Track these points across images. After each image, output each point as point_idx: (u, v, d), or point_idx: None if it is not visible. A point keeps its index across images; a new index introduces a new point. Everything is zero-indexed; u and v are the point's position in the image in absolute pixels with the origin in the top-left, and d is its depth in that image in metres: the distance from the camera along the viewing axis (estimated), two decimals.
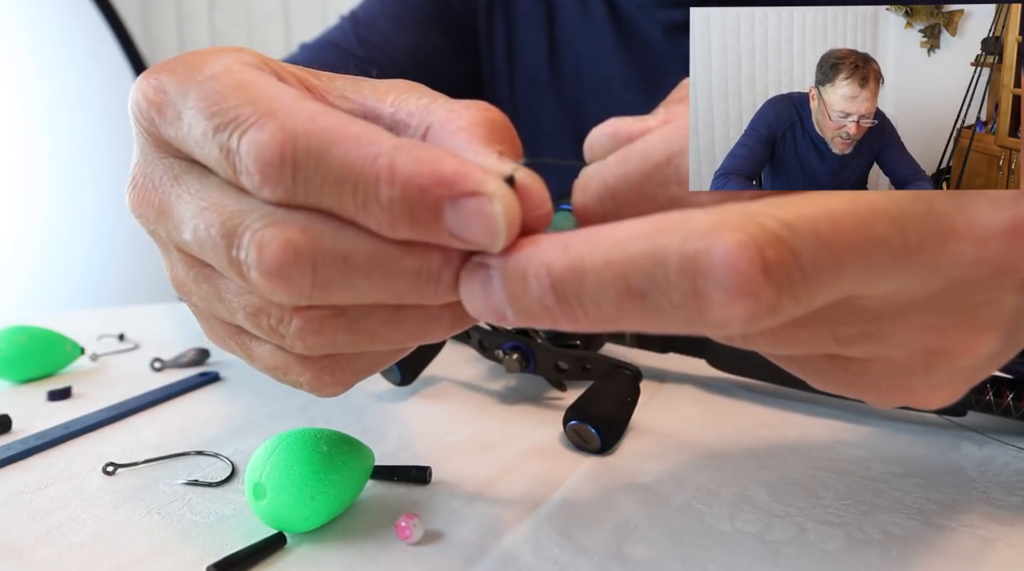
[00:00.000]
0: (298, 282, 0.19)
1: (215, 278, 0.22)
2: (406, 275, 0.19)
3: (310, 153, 0.18)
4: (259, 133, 0.18)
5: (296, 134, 0.18)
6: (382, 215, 0.18)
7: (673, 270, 0.16)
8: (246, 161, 0.18)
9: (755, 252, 0.15)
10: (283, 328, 0.21)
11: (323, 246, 0.19)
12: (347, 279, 0.19)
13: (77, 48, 1.42)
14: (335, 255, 0.19)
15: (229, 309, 0.22)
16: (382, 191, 0.18)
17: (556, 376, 0.43)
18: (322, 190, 0.18)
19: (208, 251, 0.20)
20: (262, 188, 0.19)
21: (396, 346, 0.22)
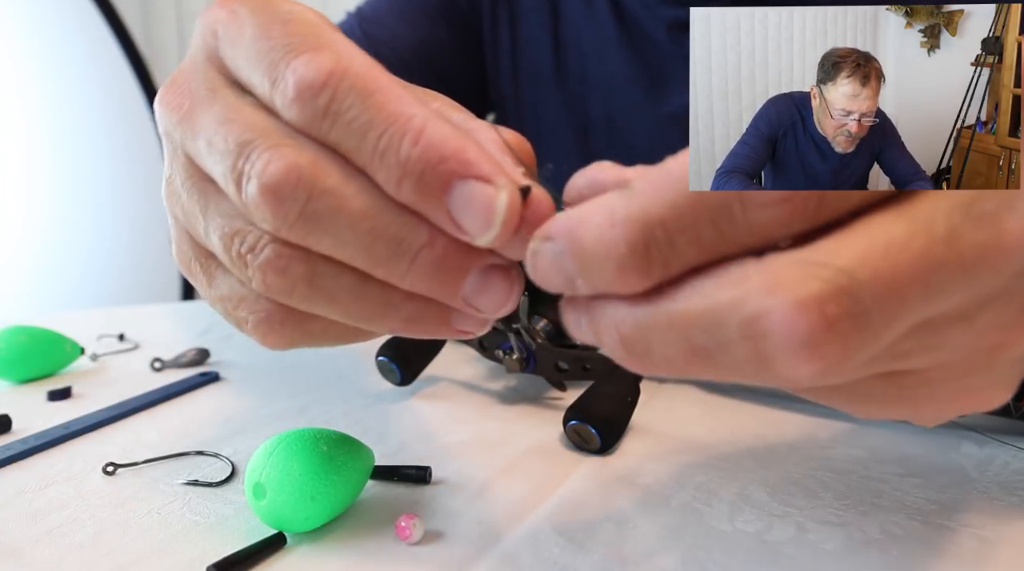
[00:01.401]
0: (288, 206, 0.19)
1: (209, 192, 0.22)
2: (387, 240, 0.19)
3: (353, 89, 0.19)
4: (314, 56, 0.19)
5: (347, 70, 0.19)
6: (394, 169, 0.19)
7: (734, 332, 0.16)
8: (288, 77, 0.19)
9: (816, 311, 0.15)
10: (251, 257, 0.21)
11: (325, 181, 0.19)
12: (333, 221, 0.19)
13: (77, 48, 1.42)
14: (332, 194, 0.19)
15: (207, 228, 0.22)
16: (404, 146, 0.18)
17: (556, 376, 0.43)
18: (348, 127, 0.19)
19: (216, 159, 0.21)
20: (291, 105, 0.19)
21: (349, 320, 0.22)
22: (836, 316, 0.15)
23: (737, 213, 0.16)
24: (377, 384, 0.46)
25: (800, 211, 0.16)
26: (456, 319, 0.22)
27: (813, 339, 0.15)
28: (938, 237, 0.16)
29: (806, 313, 0.15)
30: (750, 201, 0.16)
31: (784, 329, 0.15)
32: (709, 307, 0.16)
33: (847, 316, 0.15)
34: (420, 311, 0.22)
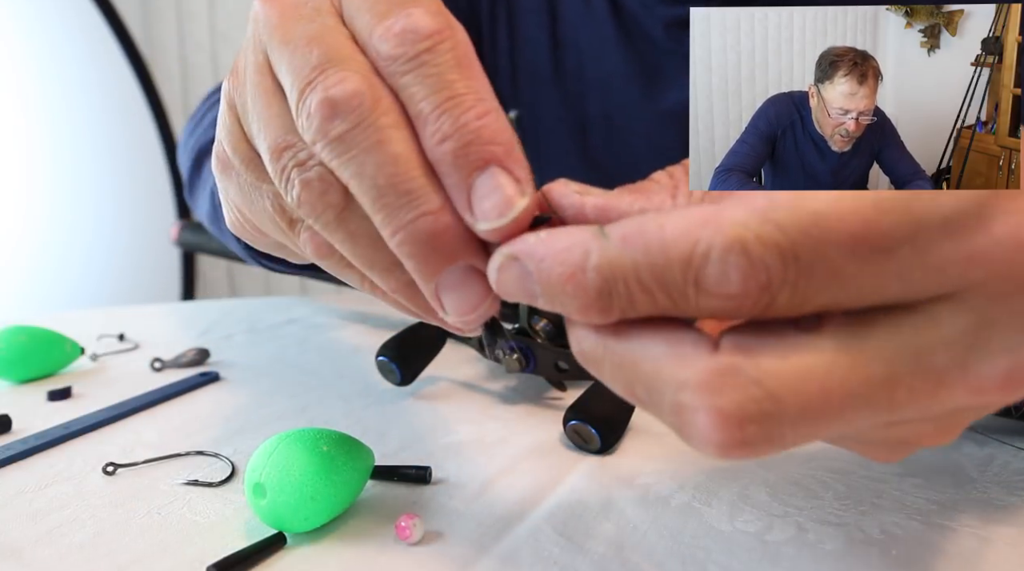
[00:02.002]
0: (336, 123, 0.20)
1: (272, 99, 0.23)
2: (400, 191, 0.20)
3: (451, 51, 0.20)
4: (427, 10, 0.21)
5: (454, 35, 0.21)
6: (448, 128, 0.20)
7: (666, 403, 0.18)
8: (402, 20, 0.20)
9: (736, 427, 0.16)
10: (296, 171, 0.22)
11: (378, 116, 0.20)
12: (366, 152, 0.20)
13: (77, 48, 1.42)
14: (378, 130, 0.20)
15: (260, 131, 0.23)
16: (467, 116, 0.20)
17: (556, 376, 0.43)
18: (431, 77, 0.20)
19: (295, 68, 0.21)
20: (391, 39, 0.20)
21: (359, 263, 0.23)
22: (752, 436, 0.17)
23: (691, 295, 0.17)
24: (377, 384, 0.46)
25: (747, 307, 0.17)
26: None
27: (726, 446, 0.17)
28: (877, 380, 0.17)
29: (725, 426, 0.16)
30: (703, 287, 0.17)
31: (703, 430, 0.17)
32: (653, 372, 0.18)
33: (762, 437, 0.17)
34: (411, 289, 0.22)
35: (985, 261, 0.16)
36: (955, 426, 0.20)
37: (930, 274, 0.16)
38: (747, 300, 0.16)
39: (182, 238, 0.82)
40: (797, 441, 0.17)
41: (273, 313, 0.65)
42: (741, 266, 0.16)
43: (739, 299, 0.16)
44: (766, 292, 0.16)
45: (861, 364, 0.17)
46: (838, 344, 0.17)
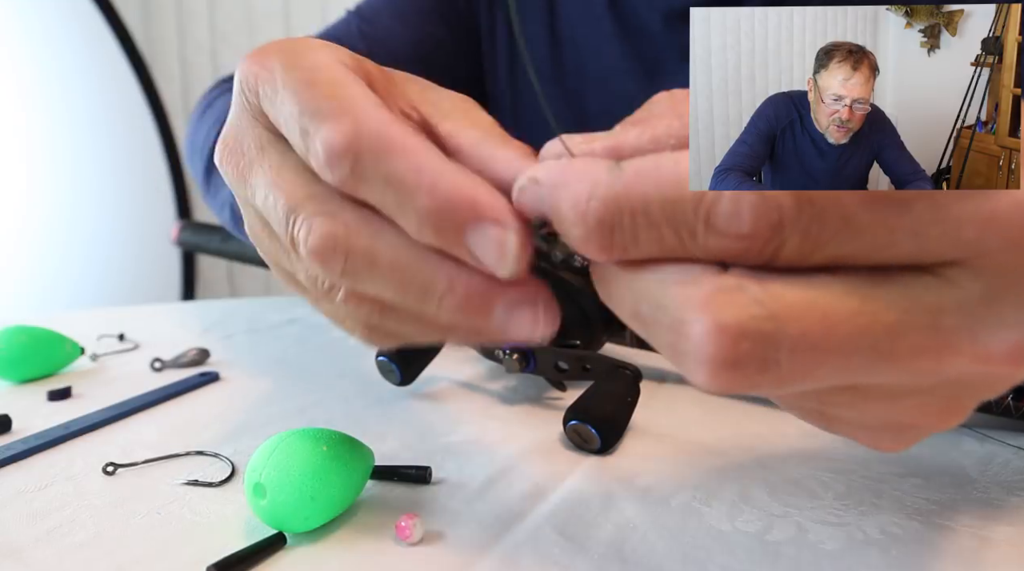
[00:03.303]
0: (332, 264, 0.22)
1: (278, 243, 0.25)
2: (415, 286, 0.22)
3: (371, 151, 0.21)
4: (336, 125, 0.21)
5: (363, 135, 0.21)
6: (414, 219, 0.21)
7: (666, 321, 0.18)
8: (317, 146, 0.21)
9: (730, 341, 0.16)
10: (332, 293, 0.24)
11: (357, 243, 0.22)
12: (370, 273, 0.22)
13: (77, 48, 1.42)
14: (364, 253, 0.22)
15: (292, 267, 0.25)
16: (420, 199, 0.20)
17: (556, 376, 0.43)
18: (373, 184, 0.21)
19: (272, 221, 0.24)
20: (325, 169, 0.21)
21: (424, 338, 0.24)
22: (746, 354, 0.16)
23: (699, 232, 0.17)
24: (377, 384, 0.46)
25: (755, 250, 0.17)
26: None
27: (717, 364, 0.16)
28: (883, 325, 0.16)
29: (720, 338, 0.16)
30: (714, 224, 0.17)
31: (697, 343, 0.17)
32: (660, 289, 0.18)
33: (756, 358, 0.16)
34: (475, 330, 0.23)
35: (1003, 225, 0.16)
36: (958, 406, 0.20)
37: (947, 233, 0.16)
38: (756, 241, 0.16)
39: (182, 238, 0.82)
40: (791, 375, 0.17)
41: (273, 313, 0.65)
42: (754, 203, 0.16)
43: (748, 240, 0.16)
44: (777, 234, 0.16)
45: (869, 307, 0.16)
46: (849, 286, 0.17)
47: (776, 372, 0.17)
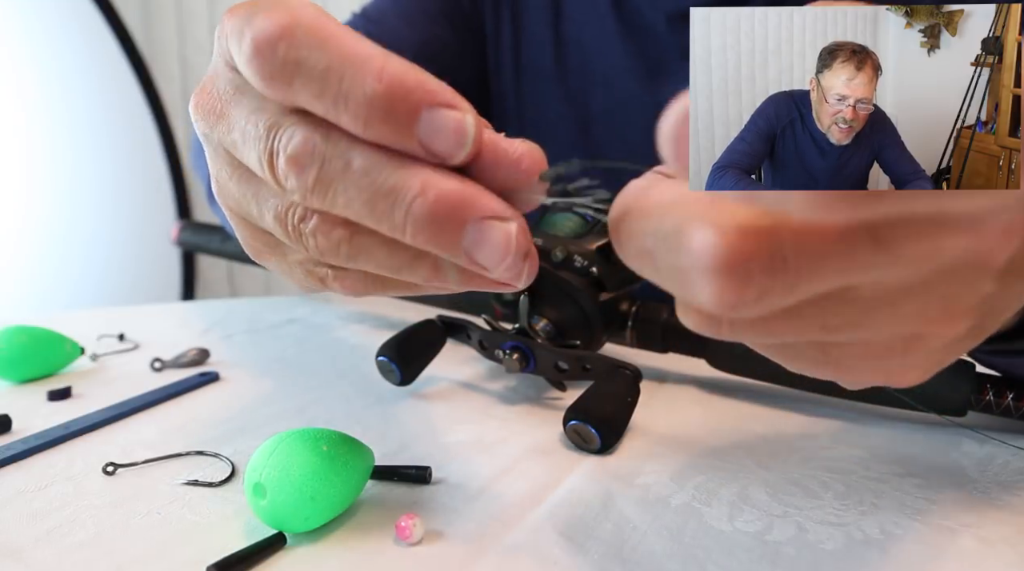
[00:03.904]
0: (308, 172, 0.21)
1: (253, 181, 0.24)
2: (384, 193, 0.21)
3: (308, 36, 0.20)
4: (268, 14, 0.20)
5: (300, 20, 0.20)
6: (362, 108, 0.20)
7: (668, 238, 0.18)
8: (247, 37, 0.20)
9: (734, 239, 0.16)
10: (303, 226, 0.23)
11: (334, 147, 0.21)
12: (342, 181, 0.21)
13: (77, 48, 1.42)
14: (338, 158, 0.21)
15: (260, 212, 0.24)
16: (368, 84, 0.19)
17: (556, 376, 0.43)
18: (311, 76, 0.20)
19: (251, 146, 0.23)
20: (251, 64, 0.21)
21: (389, 272, 0.23)
22: (752, 253, 0.16)
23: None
24: (377, 384, 0.46)
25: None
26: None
27: (724, 269, 0.16)
28: (881, 214, 0.17)
29: (723, 238, 0.16)
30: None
31: (700, 247, 0.17)
32: (664, 209, 0.18)
33: (762, 256, 0.16)
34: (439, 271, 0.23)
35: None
36: (959, 306, 0.20)
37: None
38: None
39: (182, 238, 0.82)
40: (799, 273, 0.17)
41: (273, 313, 0.65)
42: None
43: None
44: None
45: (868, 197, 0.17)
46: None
47: (784, 271, 0.17)
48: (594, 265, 0.44)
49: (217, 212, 0.59)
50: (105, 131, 1.45)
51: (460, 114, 0.20)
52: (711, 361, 0.45)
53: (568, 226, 0.46)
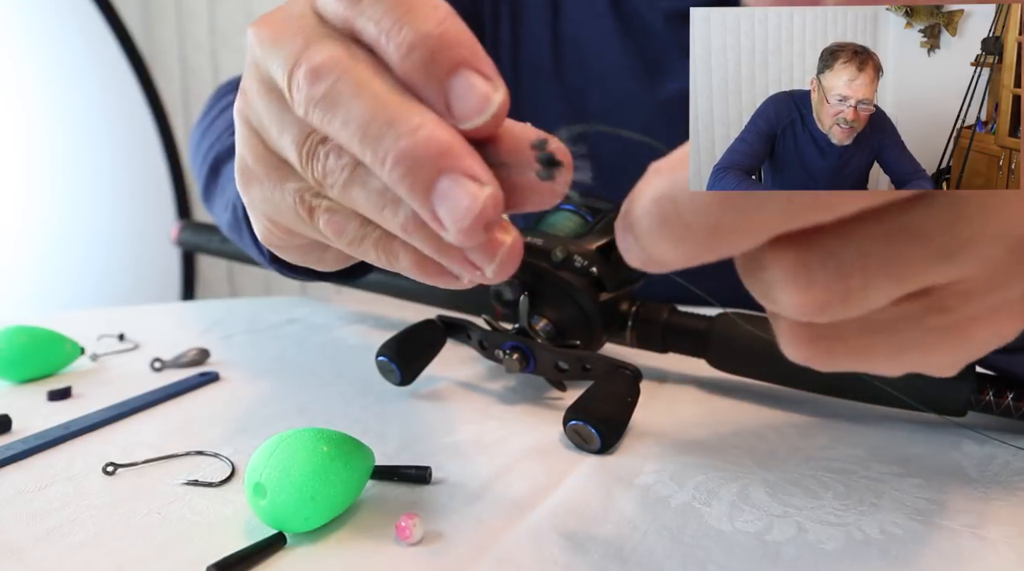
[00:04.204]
0: (319, 84, 0.22)
1: (277, 100, 0.25)
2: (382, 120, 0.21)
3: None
4: None
5: None
6: (409, 42, 0.21)
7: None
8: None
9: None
10: (321, 147, 0.24)
11: (353, 67, 0.22)
12: (347, 99, 0.22)
13: (77, 48, 1.42)
14: (354, 76, 0.22)
15: (281, 131, 0.25)
16: (428, 23, 0.21)
17: (556, 376, 0.43)
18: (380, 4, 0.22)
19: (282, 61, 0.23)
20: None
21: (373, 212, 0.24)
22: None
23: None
24: (377, 384, 0.46)
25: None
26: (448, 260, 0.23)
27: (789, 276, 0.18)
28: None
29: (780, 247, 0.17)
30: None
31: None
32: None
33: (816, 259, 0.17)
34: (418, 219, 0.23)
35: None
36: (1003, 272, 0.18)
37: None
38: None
39: (182, 238, 0.82)
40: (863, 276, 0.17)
41: (273, 313, 0.65)
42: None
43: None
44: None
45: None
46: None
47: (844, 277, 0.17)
48: (594, 265, 0.44)
49: (211, 211, 0.59)
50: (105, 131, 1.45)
51: (492, 86, 0.21)
52: (711, 361, 0.45)
53: (568, 226, 0.46)
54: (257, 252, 0.44)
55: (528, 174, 0.23)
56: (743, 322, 0.42)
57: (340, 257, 0.33)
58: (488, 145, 0.23)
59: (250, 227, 0.44)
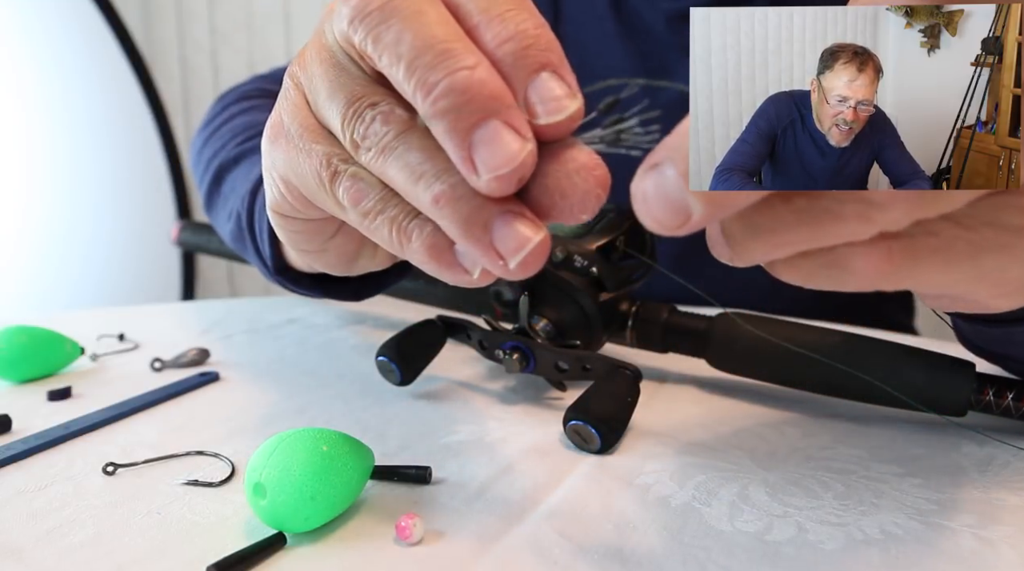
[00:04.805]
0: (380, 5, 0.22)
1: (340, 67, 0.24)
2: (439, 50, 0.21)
3: None
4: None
5: None
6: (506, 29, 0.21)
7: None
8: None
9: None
10: (371, 110, 0.23)
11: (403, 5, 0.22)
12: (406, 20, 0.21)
13: (77, 48, 1.42)
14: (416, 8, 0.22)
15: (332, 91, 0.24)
16: (522, 16, 0.21)
17: (556, 376, 0.43)
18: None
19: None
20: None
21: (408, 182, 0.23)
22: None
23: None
24: (377, 384, 0.46)
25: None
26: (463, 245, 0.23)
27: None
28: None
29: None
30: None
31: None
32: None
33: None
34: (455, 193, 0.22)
35: None
36: None
37: None
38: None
39: (182, 238, 0.82)
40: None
41: (273, 313, 0.65)
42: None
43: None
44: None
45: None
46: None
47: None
48: (594, 265, 0.44)
49: (213, 221, 0.59)
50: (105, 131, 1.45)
51: (570, 93, 0.21)
52: (711, 361, 0.45)
53: (568, 226, 0.46)
54: (260, 263, 0.44)
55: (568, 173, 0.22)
56: (743, 322, 0.42)
57: (342, 251, 0.32)
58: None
59: (253, 239, 0.44)
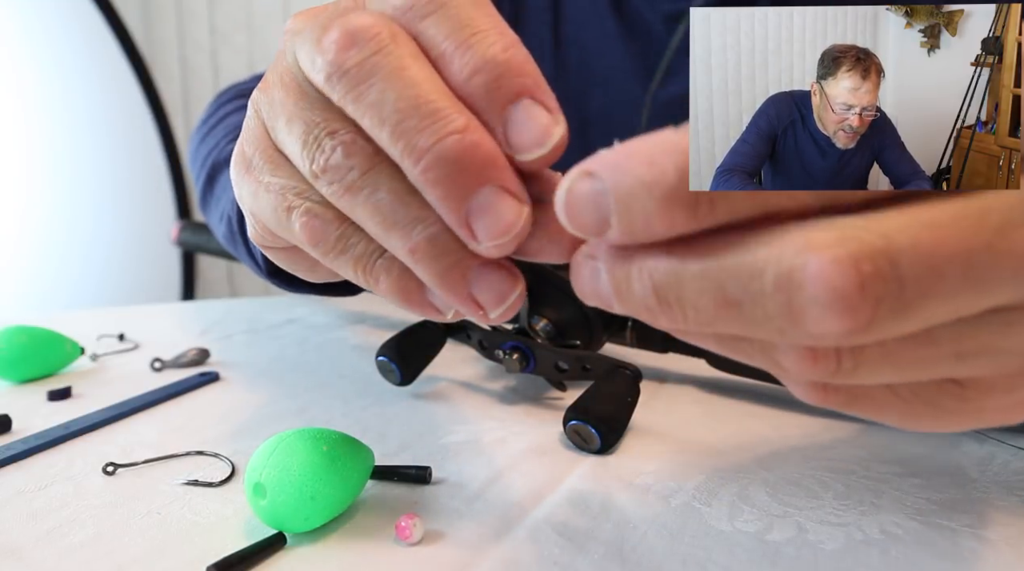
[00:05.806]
0: (354, 52, 0.20)
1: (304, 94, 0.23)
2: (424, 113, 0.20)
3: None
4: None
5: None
6: (475, 62, 0.20)
7: (768, 284, 0.16)
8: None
9: (851, 267, 0.15)
10: (328, 139, 0.22)
11: (399, 47, 0.20)
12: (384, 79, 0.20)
13: (77, 48, 1.42)
14: (397, 58, 0.20)
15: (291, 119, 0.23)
16: (493, 48, 0.20)
17: (556, 376, 0.43)
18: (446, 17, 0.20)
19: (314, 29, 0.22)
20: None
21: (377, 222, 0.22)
22: (870, 275, 0.15)
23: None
24: (377, 384, 0.46)
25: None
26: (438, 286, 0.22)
27: (845, 293, 0.15)
28: (989, 226, 0.16)
29: (840, 268, 0.15)
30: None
31: (818, 282, 0.15)
32: (747, 259, 0.16)
33: (880, 277, 0.15)
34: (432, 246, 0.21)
35: None
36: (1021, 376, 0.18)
37: None
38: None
39: (182, 238, 0.82)
40: (921, 291, 0.16)
41: (273, 313, 0.65)
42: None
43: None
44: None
45: (971, 213, 0.16)
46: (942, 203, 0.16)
47: (901, 289, 0.16)
48: None
49: (208, 220, 0.59)
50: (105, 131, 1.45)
51: (554, 119, 0.20)
52: (711, 361, 0.45)
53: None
54: (253, 263, 0.44)
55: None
56: None
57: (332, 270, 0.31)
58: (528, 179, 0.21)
59: (245, 239, 0.44)
